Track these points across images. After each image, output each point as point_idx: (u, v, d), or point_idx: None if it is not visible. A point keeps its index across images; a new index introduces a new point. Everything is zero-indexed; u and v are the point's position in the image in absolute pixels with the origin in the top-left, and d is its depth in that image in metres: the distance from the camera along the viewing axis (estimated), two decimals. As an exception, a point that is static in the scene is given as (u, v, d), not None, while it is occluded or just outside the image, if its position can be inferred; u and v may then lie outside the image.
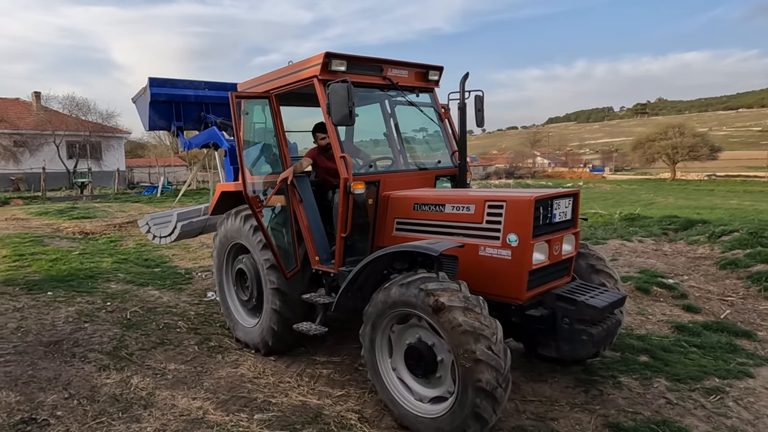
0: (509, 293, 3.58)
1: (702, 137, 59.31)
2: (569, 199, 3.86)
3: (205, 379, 4.27)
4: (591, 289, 3.79)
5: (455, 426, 3.15)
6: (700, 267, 9.02)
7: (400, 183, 4.43)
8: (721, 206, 24.41)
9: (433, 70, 4.85)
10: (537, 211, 3.51)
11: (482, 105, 4.74)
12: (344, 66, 4.16)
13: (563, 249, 3.79)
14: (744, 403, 3.81)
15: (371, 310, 3.55)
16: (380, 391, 3.66)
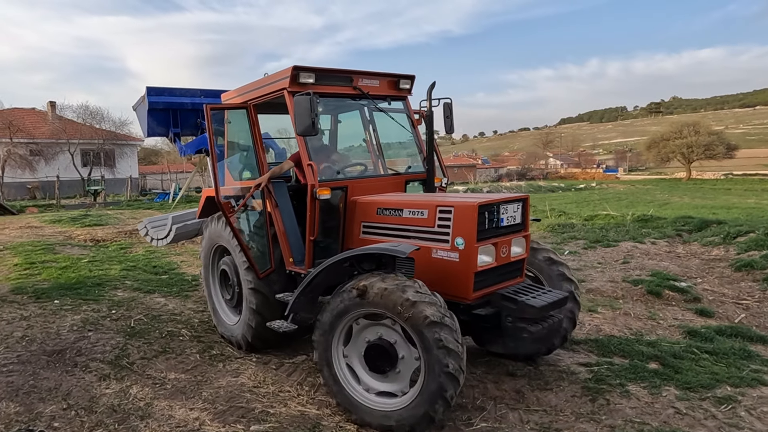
0: (458, 293, 3.80)
1: (718, 135, 58.28)
2: (518, 204, 4.07)
3: (204, 388, 4.23)
4: (535, 290, 4.00)
5: (422, 412, 3.33)
6: (714, 269, 8.81)
7: (369, 188, 4.62)
8: (739, 205, 23.92)
9: (404, 79, 5.01)
10: (482, 216, 3.75)
11: (451, 112, 4.91)
12: (312, 78, 4.37)
13: (512, 251, 4.01)
14: (757, 413, 3.67)
15: (339, 305, 3.61)
16: (326, 376, 3.79)
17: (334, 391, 3.76)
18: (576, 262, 9.21)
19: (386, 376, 3.60)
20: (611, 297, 7.17)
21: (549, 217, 14.81)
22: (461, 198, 4.06)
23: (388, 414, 3.49)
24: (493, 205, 3.83)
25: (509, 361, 4.78)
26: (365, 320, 3.64)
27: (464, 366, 3.30)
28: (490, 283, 3.89)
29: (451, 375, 3.21)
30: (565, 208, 20.04)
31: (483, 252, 3.73)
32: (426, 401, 3.30)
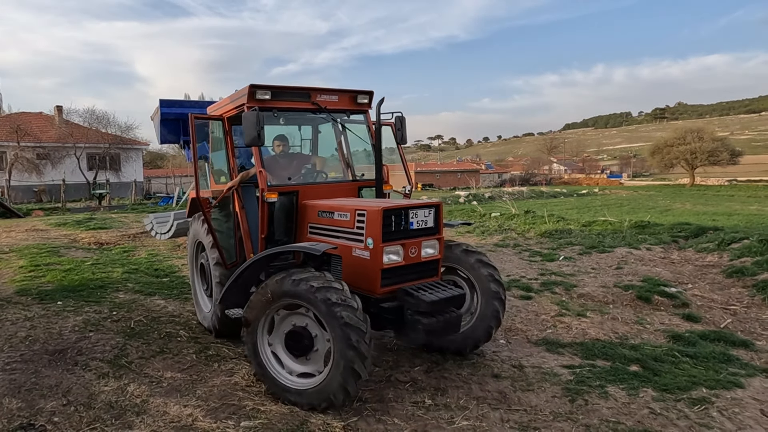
0: (369, 287, 4.28)
1: (722, 141, 58.21)
2: (429, 209, 4.49)
3: (199, 387, 4.40)
4: (436, 287, 4.35)
5: (325, 397, 3.83)
6: (706, 275, 8.92)
7: (321, 193, 5.11)
8: (740, 212, 23.96)
9: (362, 94, 5.38)
10: (388, 219, 4.21)
11: (402, 125, 5.32)
12: (269, 95, 4.84)
13: (423, 252, 4.45)
14: (728, 414, 3.80)
15: (261, 298, 4.09)
16: (254, 364, 4.26)
17: (261, 375, 4.22)
18: (570, 268, 9.34)
19: (306, 358, 4.08)
20: (601, 302, 7.30)
21: (547, 222, 14.93)
22: (373, 203, 4.49)
23: (310, 392, 3.95)
24: (400, 209, 4.29)
25: (495, 363, 4.93)
26: (285, 310, 4.11)
27: (368, 341, 3.73)
28: (400, 280, 4.34)
29: (355, 348, 3.65)
30: (565, 214, 20.13)
31: (390, 251, 4.22)
32: (338, 375, 3.73)
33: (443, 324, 4.19)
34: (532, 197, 39.21)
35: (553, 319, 6.42)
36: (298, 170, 5.52)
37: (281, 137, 5.59)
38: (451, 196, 36.58)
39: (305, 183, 5.23)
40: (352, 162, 5.58)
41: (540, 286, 7.98)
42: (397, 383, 4.56)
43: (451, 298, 4.23)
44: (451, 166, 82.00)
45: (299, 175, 5.45)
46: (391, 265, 4.23)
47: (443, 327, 4.23)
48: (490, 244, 11.97)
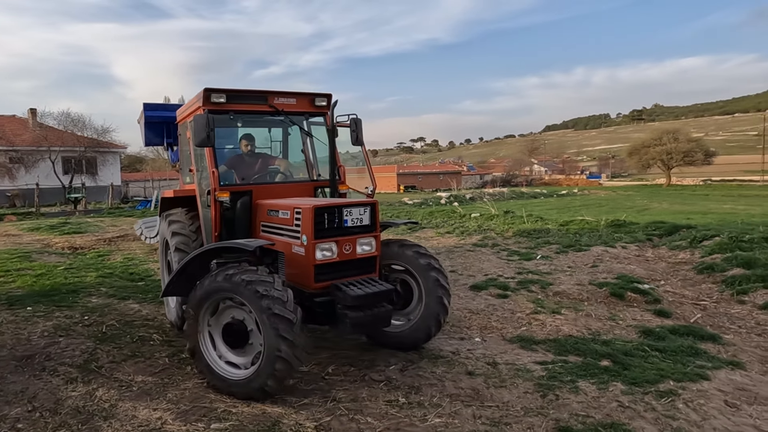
0: (304, 283, 4.47)
1: (697, 142, 59.51)
2: (364, 208, 4.66)
3: (170, 390, 4.34)
4: (366, 283, 4.51)
5: (258, 386, 3.98)
6: (678, 272, 9.11)
7: (276, 193, 5.22)
8: (715, 211, 24.49)
9: (320, 97, 5.52)
10: (321, 217, 4.38)
11: (357, 127, 5.44)
12: (223, 98, 4.99)
13: (359, 249, 4.62)
14: (694, 405, 3.88)
15: (199, 293, 4.27)
16: (198, 360, 4.39)
17: (203, 367, 4.37)
18: (547, 267, 9.45)
19: (242, 350, 4.26)
20: (576, 299, 7.40)
21: (526, 222, 15.08)
22: (309, 201, 4.67)
23: (245, 381, 4.10)
24: (333, 207, 4.47)
25: (469, 361, 4.97)
26: (223, 304, 4.29)
27: (296, 330, 3.87)
28: (335, 276, 4.52)
29: (283, 337, 3.82)
30: (545, 214, 20.35)
31: (323, 248, 4.41)
32: (269, 364, 3.90)
33: (371, 318, 4.37)
34: (512, 198, 39.59)
35: (529, 317, 6.49)
36: (263, 169, 5.65)
37: (248, 136, 5.69)
38: (433, 198, 36.74)
39: (259, 183, 5.35)
40: (316, 162, 5.68)
41: (517, 284, 8.06)
42: (371, 382, 4.56)
43: (378, 293, 4.40)
44: (433, 168, 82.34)
45: (258, 175, 5.59)
46: (325, 261, 4.43)
47: (371, 321, 4.41)
48: (469, 244, 12.05)
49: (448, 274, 8.83)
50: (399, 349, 5.15)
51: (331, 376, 4.71)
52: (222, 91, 4.98)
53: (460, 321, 6.42)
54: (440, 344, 5.48)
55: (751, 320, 6.40)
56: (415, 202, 32.53)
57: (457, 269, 9.32)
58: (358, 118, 5.45)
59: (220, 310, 4.34)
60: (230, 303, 4.26)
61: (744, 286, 7.46)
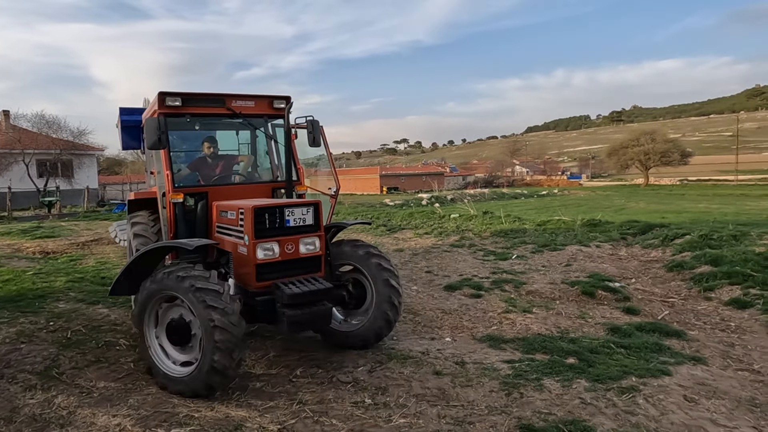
0: (247, 281, 4.55)
1: (673, 143, 60.67)
2: (307, 208, 4.74)
3: (132, 395, 4.26)
4: (305, 282, 4.57)
5: (201, 380, 4.07)
6: (650, 270, 9.26)
7: (232, 194, 5.28)
8: (689, 210, 24.94)
9: (278, 99, 5.54)
10: (261, 217, 4.46)
11: (313, 128, 5.50)
12: (179, 101, 5.05)
13: (303, 249, 4.69)
14: (653, 401, 3.94)
15: (144, 292, 4.39)
16: (143, 355, 4.54)
17: (151, 366, 4.45)
18: (522, 266, 9.53)
19: (188, 347, 4.35)
20: (548, 298, 7.47)
21: (504, 223, 15.20)
22: (250, 202, 4.70)
23: (189, 378, 4.18)
24: (274, 208, 4.55)
25: (438, 361, 4.97)
26: (167, 303, 4.40)
27: (233, 321, 3.95)
28: (278, 275, 4.57)
29: (220, 328, 3.90)
30: (524, 214, 20.54)
31: (264, 247, 4.47)
32: (208, 358, 3.97)
33: (309, 316, 4.42)
34: (493, 199, 39.89)
35: (500, 316, 6.53)
36: (225, 171, 5.70)
37: (210, 139, 5.73)
38: (414, 199, 36.82)
39: (215, 184, 5.39)
40: (280, 164, 5.70)
41: (491, 284, 8.11)
42: (339, 384, 4.54)
43: (315, 291, 4.45)
44: (416, 170, 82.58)
45: (218, 177, 5.67)
46: (266, 260, 4.50)
47: (309, 319, 4.46)
48: (447, 244, 12.10)
49: (424, 275, 8.91)
50: (351, 348, 5.21)
51: (299, 378, 4.68)
52: (177, 94, 5.04)
53: (432, 321, 6.43)
54: (410, 344, 5.49)
55: (716, 316, 6.53)
56: (396, 203, 32.57)
57: (433, 270, 9.35)
58: (315, 120, 5.49)
59: (164, 309, 4.44)
60: (173, 302, 4.37)
61: (711, 283, 7.62)
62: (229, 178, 5.74)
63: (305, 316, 4.39)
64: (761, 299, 6.71)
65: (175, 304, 4.35)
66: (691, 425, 3.61)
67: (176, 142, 6.13)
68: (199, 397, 4.15)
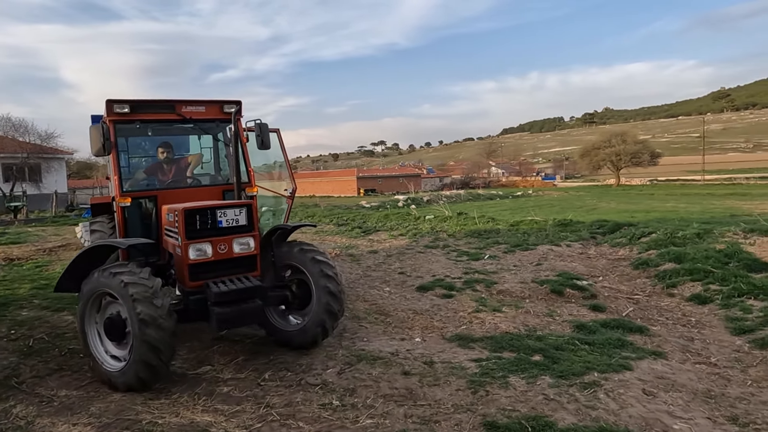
0: (182, 281, 4.73)
1: (643, 144, 62.22)
2: (239, 209, 4.86)
3: (94, 403, 4.18)
4: (236, 281, 4.69)
5: (133, 374, 4.24)
6: (617, 268, 9.48)
7: (183, 197, 5.36)
8: (658, 209, 25.59)
9: (228, 104, 5.65)
10: (192, 218, 4.63)
11: (261, 131, 5.60)
12: (127, 108, 5.19)
13: (235, 248, 4.81)
14: (614, 395, 4.05)
15: (84, 289, 4.55)
16: (86, 351, 4.66)
17: (91, 361, 4.59)
18: (494, 266, 9.65)
19: (121, 343, 4.49)
20: (518, 297, 7.59)
21: (478, 223, 15.37)
22: (183, 204, 4.87)
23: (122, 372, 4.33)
24: (206, 209, 4.71)
25: (407, 361, 5.01)
26: (106, 299, 4.56)
27: (161, 315, 4.12)
28: (213, 275, 4.71)
29: (146, 321, 4.08)
30: (498, 215, 20.81)
31: (196, 248, 4.62)
32: (138, 351, 4.13)
33: (238, 313, 4.54)
34: (469, 200, 40.25)
35: (470, 316, 6.60)
36: (178, 174, 5.84)
37: (164, 144, 5.83)
38: (391, 201, 36.91)
39: (164, 188, 5.51)
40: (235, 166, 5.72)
41: (463, 284, 8.19)
42: (307, 386, 4.53)
43: (243, 290, 4.57)
44: (393, 171, 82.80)
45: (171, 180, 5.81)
46: (199, 260, 4.63)
47: (238, 316, 4.58)
48: (421, 245, 12.17)
49: (397, 276, 8.95)
50: (293, 348, 5.31)
51: (267, 382, 4.66)
52: (125, 101, 5.18)
53: (403, 322, 6.47)
54: (380, 345, 5.51)
55: (678, 312, 6.74)
56: (372, 205, 32.59)
57: (406, 271, 9.40)
58: (264, 123, 5.61)
59: (104, 306, 4.59)
60: (110, 299, 4.52)
61: (674, 280, 7.85)
62: (181, 182, 5.83)
63: (234, 313, 4.51)
64: (720, 295, 6.94)
65: (113, 301, 4.46)
66: (648, 418, 3.72)
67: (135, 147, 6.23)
68: (133, 390, 4.29)
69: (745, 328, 5.74)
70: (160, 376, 4.37)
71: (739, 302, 6.56)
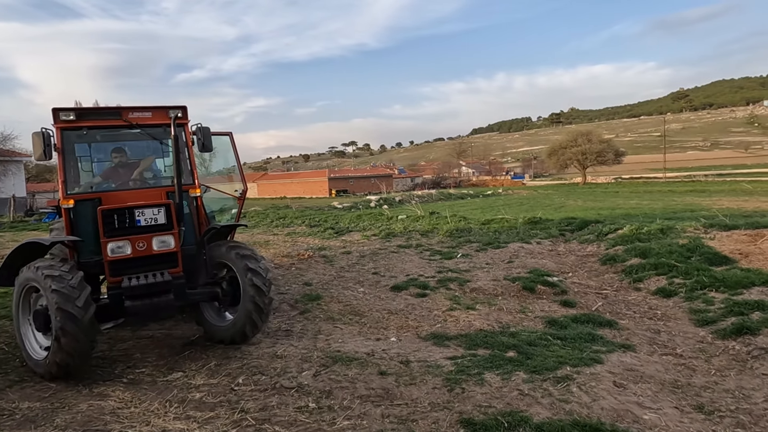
0: (107, 277, 5.03)
1: (608, 143, 63.91)
2: (158, 208, 5.17)
3: (59, 414, 4.01)
4: (149, 276, 4.98)
5: (55, 363, 4.55)
6: (586, 264, 9.70)
7: (126, 199, 5.49)
8: (622, 206, 26.32)
9: (174, 109, 5.82)
10: (110, 218, 4.96)
11: (202, 134, 5.78)
12: (73, 116, 5.39)
13: (156, 246, 5.10)
14: (586, 388, 4.13)
15: (16, 283, 4.92)
16: (18, 341, 5.04)
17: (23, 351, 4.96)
18: (466, 264, 9.74)
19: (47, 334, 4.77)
20: (491, 295, 7.68)
21: (450, 223, 15.49)
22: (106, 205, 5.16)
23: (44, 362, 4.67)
24: (123, 209, 5.03)
25: (383, 361, 5.00)
26: (36, 293, 4.87)
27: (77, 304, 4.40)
28: (135, 271, 5.01)
29: (63, 311, 4.36)
30: (469, 214, 21.02)
31: (113, 245, 4.94)
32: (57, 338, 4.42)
33: (149, 307, 4.89)
34: (440, 199, 40.58)
35: (444, 314, 6.64)
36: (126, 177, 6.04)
37: (117, 149, 6.03)
38: (363, 201, 36.87)
39: (109, 190, 5.69)
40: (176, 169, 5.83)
41: (436, 283, 8.24)
42: (282, 390, 4.47)
43: (153, 284, 4.88)
44: (364, 172, 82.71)
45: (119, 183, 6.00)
46: (118, 257, 4.95)
47: (149, 310, 4.93)
48: (394, 245, 12.18)
49: (371, 277, 8.93)
50: (227, 344, 5.53)
51: (241, 386, 4.57)
52: (71, 109, 5.45)
53: (378, 322, 6.46)
54: (356, 346, 5.49)
55: (645, 305, 6.93)
56: (344, 206, 32.49)
57: (380, 271, 9.39)
58: (205, 127, 5.81)
59: (33, 300, 4.92)
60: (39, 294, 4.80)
61: (640, 275, 8.08)
62: (126, 184, 6.02)
63: (145, 306, 4.86)
64: (684, 288, 7.18)
65: (41, 294, 4.74)
66: (619, 409, 3.81)
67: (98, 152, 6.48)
68: (57, 379, 4.61)
69: (707, 320, 5.94)
70: (80, 365, 4.68)
71: (702, 295, 6.79)
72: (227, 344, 5.51)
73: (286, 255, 10.89)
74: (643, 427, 3.57)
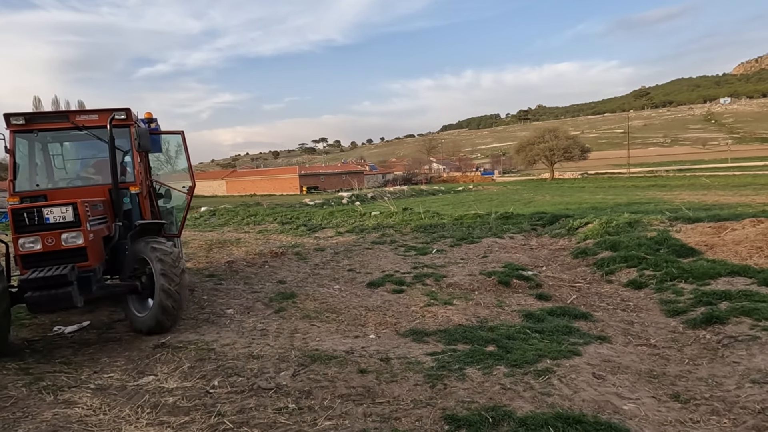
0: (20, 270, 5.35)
1: (574, 139, 65.40)
2: (66, 207, 5.40)
3: (22, 424, 3.79)
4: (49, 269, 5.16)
5: None
6: (558, 257, 9.85)
7: (70, 195, 5.78)
8: (589, 201, 26.97)
9: (119, 111, 6.17)
10: (20, 216, 5.26)
11: (138, 135, 6.08)
12: (23, 120, 5.84)
13: (65, 242, 5.37)
14: (567, 380, 4.16)
15: None
16: None
17: None
18: (441, 260, 9.75)
19: None
20: (468, 289, 7.70)
21: (423, 218, 15.52)
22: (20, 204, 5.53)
23: None
24: (32, 208, 5.34)
25: (362, 359, 4.92)
26: None
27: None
28: (45, 265, 5.25)
29: None
30: (441, 209, 21.13)
31: (23, 241, 5.24)
32: None
33: (47, 298, 5.06)
34: (412, 195, 40.73)
35: (422, 310, 6.62)
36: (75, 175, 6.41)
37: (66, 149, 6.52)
38: (335, 198, 36.64)
39: (54, 188, 5.97)
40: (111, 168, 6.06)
41: (413, 279, 8.21)
42: (260, 391, 4.34)
43: (50, 276, 5.04)
44: (335, 169, 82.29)
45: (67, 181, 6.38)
46: (28, 252, 5.25)
47: (48, 301, 5.08)
48: (368, 242, 12.11)
49: (346, 273, 8.84)
50: (146, 334, 5.75)
51: (217, 389, 4.42)
52: (20, 114, 5.86)
53: (356, 319, 6.38)
54: (334, 344, 5.39)
55: (617, 297, 7.07)
56: (316, 202, 32.21)
57: (355, 267, 9.31)
58: (141, 128, 6.12)
59: None
60: None
61: (611, 267, 8.24)
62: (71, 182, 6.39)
63: (43, 298, 5.04)
64: (654, 279, 7.35)
65: None
66: (599, 400, 3.84)
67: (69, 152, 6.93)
68: None
69: (678, 310, 6.09)
70: None
71: (672, 286, 6.97)
72: (146, 334, 5.72)
73: (259, 253, 10.68)
74: (624, 418, 3.60)
